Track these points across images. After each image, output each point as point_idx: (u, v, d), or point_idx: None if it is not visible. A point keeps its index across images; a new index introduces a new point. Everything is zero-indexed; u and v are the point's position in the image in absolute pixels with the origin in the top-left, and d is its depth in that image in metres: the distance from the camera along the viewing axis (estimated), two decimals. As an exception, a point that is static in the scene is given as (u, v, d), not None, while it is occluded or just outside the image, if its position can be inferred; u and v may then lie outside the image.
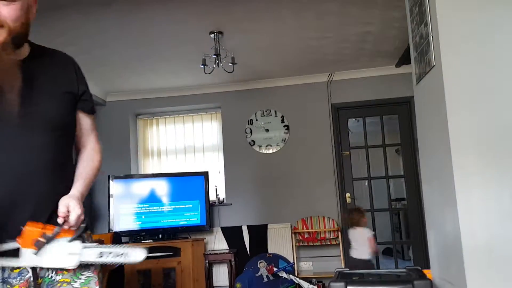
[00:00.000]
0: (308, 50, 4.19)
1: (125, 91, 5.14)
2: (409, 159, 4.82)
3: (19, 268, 1.11)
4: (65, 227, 1.12)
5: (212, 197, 5.01)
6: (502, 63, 1.81)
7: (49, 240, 1.08)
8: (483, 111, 1.80)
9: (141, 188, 4.66)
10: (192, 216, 4.63)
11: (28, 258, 1.07)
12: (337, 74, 4.95)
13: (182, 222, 4.60)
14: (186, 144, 5.34)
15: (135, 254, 1.17)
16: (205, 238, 4.76)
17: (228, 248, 4.81)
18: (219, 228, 4.96)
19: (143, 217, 4.55)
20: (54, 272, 1.15)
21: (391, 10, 3.35)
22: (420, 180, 4.50)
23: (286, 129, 5.06)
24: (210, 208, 4.85)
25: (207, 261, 4.50)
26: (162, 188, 4.69)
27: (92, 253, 1.14)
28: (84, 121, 1.32)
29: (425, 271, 2.00)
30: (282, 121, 5.07)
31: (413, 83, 2.37)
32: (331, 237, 4.68)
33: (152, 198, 4.63)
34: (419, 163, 4.40)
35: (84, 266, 1.19)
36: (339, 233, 4.64)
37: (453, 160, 1.77)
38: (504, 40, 1.82)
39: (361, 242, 3.53)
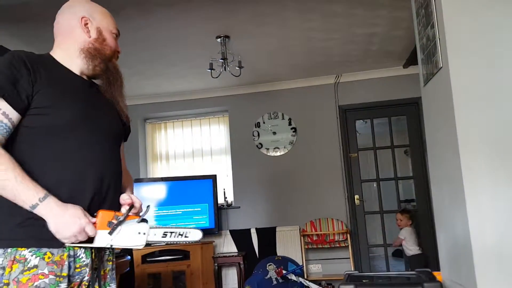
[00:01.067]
0: (314, 52, 4.19)
1: (134, 95, 5.19)
2: (418, 160, 4.79)
3: (80, 267, 1.19)
4: (132, 212, 1.25)
5: (221, 200, 5.02)
6: (510, 64, 1.80)
7: (121, 221, 1.18)
8: (491, 112, 1.79)
9: (150, 191, 4.69)
10: (201, 220, 4.65)
11: (102, 239, 1.16)
12: (344, 76, 4.94)
13: (191, 225, 4.61)
14: (194, 148, 5.37)
15: (194, 234, 1.30)
16: (214, 241, 4.77)
17: (237, 251, 4.82)
18: (228, 231, 4.97)
19: (152, 220, 4.57)
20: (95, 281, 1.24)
21: (398, 10, 3.35)
22: (429, 181, 4.49)
23: (293, 132, 5.06)
24: (219, 211, 4.87)
25: (216, 264, 4.51)
26: (171, 191, 4.71)
27: (158, 233, 1.26)
28: (123, 145, 1.50)
29: (435, 273, 1.99)
30: (290, 124, 5.07)
31: (420, 84, 2.37)
32: (340, 239, 4.66)
33: (161, 202, 4.66)
34: (428, 164, 4.39)
35: (112, 279, 1.31)
36: (348, 235, 4.63)
37: (462, 161, 1.77)
38: (511, 41, 1.81)
39: (412, 241, 4.21)
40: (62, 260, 1.14)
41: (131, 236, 1.21)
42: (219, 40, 3.65)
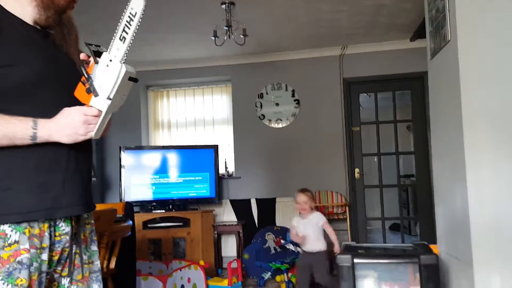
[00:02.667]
0: (321, 23, 4.11)
1: (136, 61, 5.13)
2: (420, 136, 4.78)
3: (60, 236, 1.17)
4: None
5: (222, 170, 5.06)
6: (521, 39, 1.77)
7: (89, 77, 1.09)
8: (497, 88, 1.77)
9: (152, 159, 4.71)
10: (202, 188, 4.69)
11: (101, 102, 1.09)
12: (350, 48, 4.86)
13: (192, 193, 4.66)
14: (196, 117, 5.35)
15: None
16: (214, 210, 4.83)
17: (236, 220, 4.89)
18: (228, 200, 5.02)
19: (154, 188, 4.62)
20: (75, 248, 1.23)
21: (408, -18, 3.26)
22: (430, 157, 4.50)
23: (296, 104, 5.03)
24: (220, 181, 4.90)
25: (216, 232, 4.58)
26: (172, 160, 4.74)
27: (117, 45, 1.13)
28: None
29: (432, 246, 2.02)
30: (293, 95, 5.03)
31: (427, 58, 2.33)
32: (339, 212, 4.71)
33: (163, 170, 4.69)
34: (430, 140, 4.38)
35: (92, 241, 1.30)
36: (347, 208, 4.68)
37: (465, 136, 1.76)
38: (524, 15, 1.77)
39: (316, 232, 3.27)
40: (42, 232, 1.12)
41: (106, 73, 1.10)
42: (224, 6, 3.57)
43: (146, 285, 2.87)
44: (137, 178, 4.60)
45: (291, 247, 4.34)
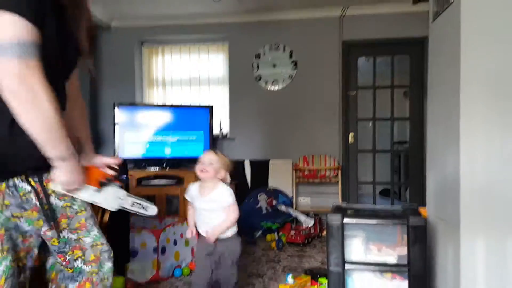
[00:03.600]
0: (322, -18, 3.98)
1: (131, 16, 4.98)
2: (416, 102, 4.77)
3: (25, 195, 1.18)
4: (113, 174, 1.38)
5: (216, 131, 5.05)
6: (526, 2, 1.72)
7: (110, 183, 1.34)
8: (498, 55, 1.74)
9: (146, 117, 4.68)
10: (196, 148, 4.69)
11: (87, 193, 1.30)
12: (350, 9, 4.74)
13: (186, 153, 4.67)
14: (192, 76, 5.28)
15: (152, 210, 1.47)
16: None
17: (230, 180, 4.93)
18: (222, 160, 5.04)
19: (148, 145, 4.61)
20: (57, 199, 1.26)
21: None
22: (424, 124, 4.51)
23: (294, 65, 4.96)
24: (214, 141, 4.90)
25: (209, 191, 4.63)
26: (167, 118, 4.70)
27: (129, 202, 1.40)
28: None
29: (421, 209, 2.06)
30: (290, 57, 4.95)
31: (429, 21, 2.28)
32: (331, 175, 4.77)
33: (157, 128, 4.67)
34: (425, 107, 4.37)
35: (91, 225, 1.38)
36: (339, 172, 4.73)
37: (461, 102, 1.75)
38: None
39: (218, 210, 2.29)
40: (1, 192, 1.14)
41: (111, 198, 1.34)
42: (222, -40, 3.44)
43: (140, 238, 2.92)
44: (131, 136, 4.58)
45: (282, 208, 4.42)
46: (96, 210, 2.19)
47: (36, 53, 0.98)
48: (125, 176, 2.76)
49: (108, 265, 1.37)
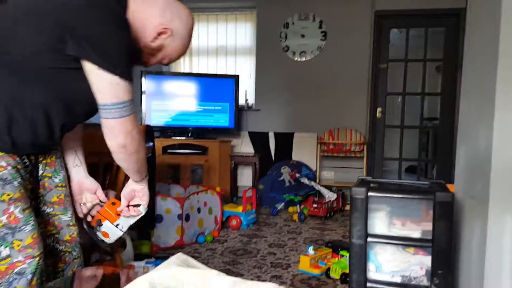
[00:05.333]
0: None
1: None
2: (449, 77, 4.60)
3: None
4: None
5: (242, 102, 5.03)
6: None
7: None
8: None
9: (173, 86, 4.70)
10: (221, 118, 4.71)
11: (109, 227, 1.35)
12: (385, -22, 4.55)
13: (211, 123, 4.69)
14: (218, 45, 5.23)
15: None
16: (232, 141, 4.88)
17: (253, 152, 4.95)
18: (246, 132, 5.05)
19: (174, 114, 4.65)
20: (43, 170, 1.29)
21: None
22: (456, 100, 4.35)
23: (323, 36, 4.84)
24: (239, 112, 4.90)
25: (233, 162, 4.67)
26: (193, 88, 4.71)
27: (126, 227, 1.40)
28: None
29: (448, 185, 2.01)
30: (320, 27, 4.83)
31: (469, -12, 2.15)
32: (356, 150, 4.71)
33: (183, 97, 4.69)
34: (458, 82, 4.20)
35: (61, 166, 1.36)
36: (365, 147, 4.66)
37: (498, 74, 1.66)
38: None
39: None
40: (11, 158, 1.16)
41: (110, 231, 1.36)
42: None
43: (164, 205, 2.98)
44: (157, 104, 4.62)
45: (305, 181, 4.41)
46: (124, 175, 2.23)
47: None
48: (152, 143, 2.79)
49: (79, 248, 1.36)
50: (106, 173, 2.01)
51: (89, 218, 1.37)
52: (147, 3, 1.19)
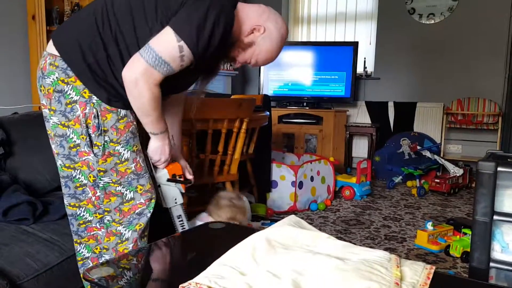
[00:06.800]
0: None
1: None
2: None
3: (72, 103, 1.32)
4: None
5: (360, 70, 4.86)
6: None
7: (179, 181, 1.50)
8: None
9: (289, 56, 4.74)
10: (337, 88, 4.63)
11: (159, 175, 1.46)
12: None
13: (327, 92, 4.65)
14: (338, 11, 5.08)
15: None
16: (348, 110, 4.78)
17: (370, 123, 4.78)
18: (364, 102, 4.89)
19: (290, 84, 4.72)
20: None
21: None
22: None
23: (454, -5, 4.36)
24: (356, 81, 4.75)
25: (348, 132, 4.59)
26: (309, 57, 4.70)
27: (179, 211, 1.54)
28: None
29: None
30: (451, -15, 4.36)
31: None
32: (489, 122, 4.23)
33: (300, 67, 4.71)
34: None
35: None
36: (500, 118, 4.16)
37: None
38: None
39: None
40: (132, 112, 1.32)
41: (170, 195, 1.48)
42: None
43: (279, 172, 3.10)
44: (275, 74, 4.73)
45: (427, 154, 4.14)
46: (242, 142, 2.38)
47: (168, 73, 1.21)
48: (268, 112, 2.90)
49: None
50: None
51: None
52: (250, 6, 1.34)
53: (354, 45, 4.54)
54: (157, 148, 1.39)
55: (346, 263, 0.88)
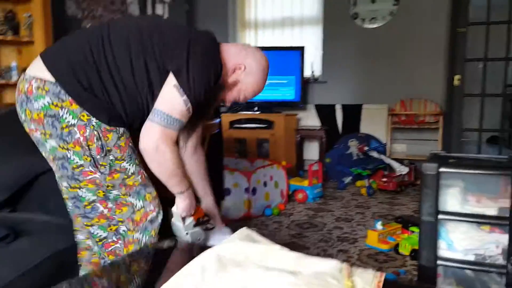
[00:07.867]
0: None
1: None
2: (540, 39, 4.11)
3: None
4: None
5: (307, 74, 4.94)
6: None
7: (203, 223, 1.54)
8: None
9: (238, 61, 4.73)
10: (286, 92, 4.67)
11: (187, 223, 1.48)
12: None
13: (277, 96, 4.68)
14: (284, 16, 5.14)
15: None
16: (297, 114, 4.84)
17: (320, 125, 4.88)
18: (313, 105, 4.97)
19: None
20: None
21: None
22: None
23: (395, 0, 4.55)
24: (305, 84, 4.82)
25: (298, 135, 4.65)
26: (258, 62, 4.71)
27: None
28: None
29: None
30: (391, -9, 4.54)
31: None
32: (431, 121, 4.45)
33: (248, 72, 4.71)
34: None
35: None
36: (441, 118, 4.39)
37: None
38: None
39: None
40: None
41: (194, 237, 1.49)
42: None
43: (232, 178, 3.07)
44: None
45: (374, 154, 4.28)
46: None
47: (180, 128, 1.30)
48: (219, 119, 2.87)
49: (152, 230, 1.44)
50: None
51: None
52: (229, 46, 1.45)
53: (301, 49, 4.61)
54: (187, 205, 1.43)
55: (299, 278, 0.87)
